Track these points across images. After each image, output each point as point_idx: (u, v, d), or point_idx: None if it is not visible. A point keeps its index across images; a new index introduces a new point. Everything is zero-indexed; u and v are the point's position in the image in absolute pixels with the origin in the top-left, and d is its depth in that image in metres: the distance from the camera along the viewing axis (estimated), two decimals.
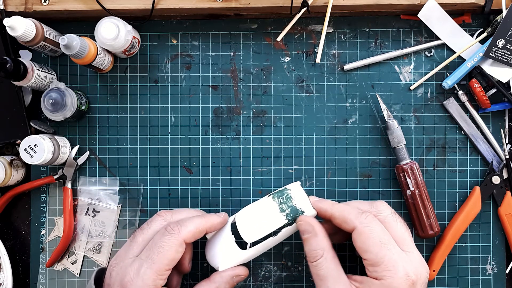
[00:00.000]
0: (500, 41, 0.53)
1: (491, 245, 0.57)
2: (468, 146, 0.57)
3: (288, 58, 0.58)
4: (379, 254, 0.43)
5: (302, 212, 0.48)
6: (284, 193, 0.49)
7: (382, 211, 0.47)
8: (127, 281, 0.44)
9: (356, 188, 0.58)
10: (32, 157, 0.54)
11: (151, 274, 0.44)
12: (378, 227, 0.45)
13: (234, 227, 0.50)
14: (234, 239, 0.49)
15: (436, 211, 0.57)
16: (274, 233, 0.48)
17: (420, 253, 0.47)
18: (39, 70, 0.55)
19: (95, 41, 0.53)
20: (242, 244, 0.49)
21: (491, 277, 0.57)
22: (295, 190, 0.49)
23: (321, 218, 0.49)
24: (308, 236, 0.47)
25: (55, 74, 0.59)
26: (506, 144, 0.57)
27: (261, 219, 0.48)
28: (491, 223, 0.57)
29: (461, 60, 0.57)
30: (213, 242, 0.51)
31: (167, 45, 0.59)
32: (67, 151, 0.58)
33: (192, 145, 0.59)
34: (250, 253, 0.49)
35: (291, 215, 0.48)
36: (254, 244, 0.48)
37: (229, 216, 0.52)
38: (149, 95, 0.59)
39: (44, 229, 0.60)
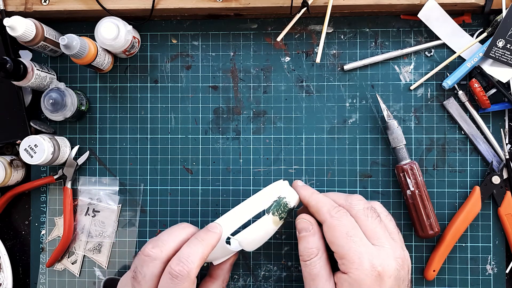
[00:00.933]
0: (500, 41, 0.53)
1: (491, 245, 0.57)
2: (468, 146, 0.57)
3: (288, 58, 0.58)
4: (345, 247, 0.44)
5: (295, 207, 0.50)
6: (280, 204, 0.49)
7: (355, 206, 0.47)
8: None
9: (356, 188, 0.58)
10: (32, 157, 0.54)
11: None
12: (347, 221, 0.45)
13: (229, 241, 0.48)
14: (227, 243, 0.48)
15: (436, 211, 0.57)
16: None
17: (399, 246, 0.46)
18: (39, 70, 0.55)
19: (95, 41, 0.53)
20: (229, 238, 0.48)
21: (491, 277, 0.57)
22: (288, 194, 0.50)
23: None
24: (305, 234, 0.47)
25: (55, 74, 0.59)
26: (506, 144, 0.57)
27: (266, 234, 0.48)
28: (491, 223, 0.57)
29: (461, 60, 0.57)
30: None
31: (167, 45, 0.59)
32: (67, 151, 0.58)
33: (192, 145, 0.59)
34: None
35: (288, 216, 0.50)
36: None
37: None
38: (149, 95, 0.59)
39: (44, 229, 0.60)
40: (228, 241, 0.48)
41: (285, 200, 0.49)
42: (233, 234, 0.47)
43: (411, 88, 0.57)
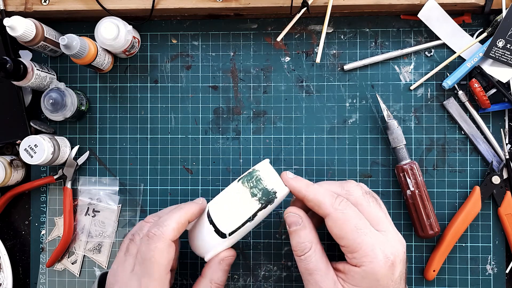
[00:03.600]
0: (500, 41, 0.53)
1: (491, 245, 0.57)
2: (468, 146, 0.57)
3: (288, 58, 0.58)
4: (357, 240, 0.42)
5: (275, 193, 0.46)
6: (253, 175, 0.47)
7: (353, 192, 0.46)
8: None
9: None
10: (32, 157, 0.54)
11: (154, 286, 0.43)
12: (352, 211, 0.44)
13: (210, 216, 0.48)
14: (213, 229, 0.47)
15: (436, 211, 0.57)
16: (250, 218, 0.47)
17: (395, 227, 0.46)
18: (39, 70, 0.55)
19: (95, 41, 0.53)
20: (221, 233, 0.47)
21: (491, 277, 0.57)
22: (264, 170, 0.47)
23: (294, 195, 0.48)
24: (296, 228, 0.46)
25: (55, 74, 0.59)
26: (506, 144, 0.57)
27: (234, 207, 0.47)
28: (491, 223, 0.57)
29: (461, 60, 0.57)
30: (194, 232, 0.49)
31: (167, 45, 0.59)
32: (67, 151, 0.58)
33: (192, 145, 0.59)
34: (231, 241, 0.48)
35: (264, 198, 0.46)
36: (232, 232, 0.47)
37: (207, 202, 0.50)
38: (149, 95, 0.59)
39: (44, 229, 0.60)
40: (217, 231, 0.47)
41: (257, 173, 0.47)
42: (231, 233, 0.47)
43: (411, 88, 0.57)
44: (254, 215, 0.47)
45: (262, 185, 0.47)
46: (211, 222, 0.48)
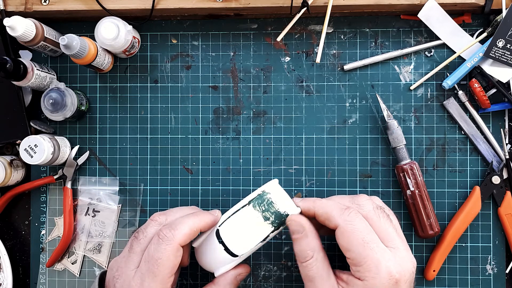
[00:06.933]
0: (500, 41, 0.53)
1: (491, 245, 0.57)
2: (468, 146, 0.57)
3: (288, 58, 0.58)
4: (362, 254, 0.42)
5: (287, 215, 0.47)
6: (263, 199, 0.47)
7: (364, 206, 0.45)
8: None
9: (356, 188, 0.58)
10: (32, 157, 0.54)
11: (156, 287, 0.43)
12: (361, 224, 0.43)
13: (220, 237, 0.48)
14: (223, 248, 0.47)
15: (436, 211, 0.57)
16: (263, 240, 0.47)
17: (407, 245, 0.45)
18: (39, 70, 0.55)
19: (95, 41, 0.53)
20: (233, 254, 0.47)
21: (491, 277, 0.57)
22: (275, 192, 0.47)
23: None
24: (298, 236, 0.46)
25: (55, 74, 0.59)
26: (506, 144, 0.57)
27: (247, 230, 0.47)
28: (491, 223, 0.57)
29: (461, 60, 0.57)
30: (202, 250, 0.49)
31: (167, 45, 0.59)
32: (67, 151, 0.58)
33: (192, 145, 0.59)
34: (242, 258, 0.48)
35: (276, 221, 0.47)
36: (244, 253, 0.47)
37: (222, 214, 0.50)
38: (149, 95, 0.59)
39: (44, 229, 0.60)
40: (227, 250, 0.47)
41: (268, 196, 0.47)
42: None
43: (411, 88, 0.57)
44: (267, 236, 0.47)
45: (275, 209, 0.47)
46: (221, 243, 0.47)
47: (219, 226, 0.47)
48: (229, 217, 0.48)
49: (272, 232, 0.47)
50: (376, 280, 0.41)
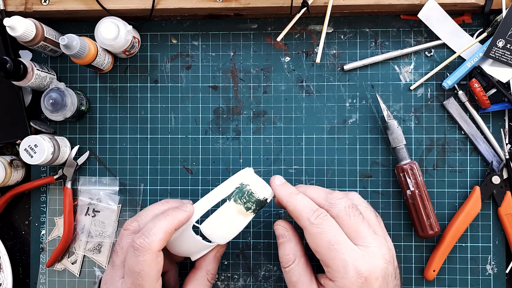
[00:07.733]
0: (500, 41, 0.53)
1: (491, 245, 0.57)
2: (468, 146, 0.57)
3: (288, 58, 0.58)
4: (329, 256, 0.43)
5: (266, 200, 0.48)
6: (243, 191, 0.47)
7: (336, 205, 0.45)
8: None
9: (356, 188, 0.58)
10: (32, 157, 0.54)
11: None
12: (328, 226, 0.43)
13: (200, 232, 0.48)
14: (202, 239, 0.48)
15: (436, 211, 0.57)
16: (245, 226, 0.48)
17: (385, 239, 0.45)
18: (39, 70, 0.55)
19: (95, 41, 0.53)
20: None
21: (491, 277, 0.57)
22: (253, 181, 0.47)
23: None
24: (282, 240, 0.47)
25: (55, 74, 0.59)
26: (506, 144, 0.57)
27: (230, 223, 0.47)
28: (491, 223, 0.57)
29: (461, 60, 0.57)
30: (177, 242, 0.48)
31: (167, 45, 0.59)
32: (67, 151, 0.58)
33: (192, 145, 0.59)
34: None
35: (257, 208, 0.47)
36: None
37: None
38: (149, 95, 0.59)
39: (44, 229, 0.60)
40: (203, 236, 0.47)
41: (248, 188, 0.47)
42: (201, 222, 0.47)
43: (411, 88, 0.57)
44: (249, 222, 0.48)
45: (255, 198, 0.47)
46: (203, 237, 0.48)
47: (201, 224, 0.47)
48: (211, 215, 0.47)
49: (254, 216, 0.48)
50: (345, 280, 0.42)
